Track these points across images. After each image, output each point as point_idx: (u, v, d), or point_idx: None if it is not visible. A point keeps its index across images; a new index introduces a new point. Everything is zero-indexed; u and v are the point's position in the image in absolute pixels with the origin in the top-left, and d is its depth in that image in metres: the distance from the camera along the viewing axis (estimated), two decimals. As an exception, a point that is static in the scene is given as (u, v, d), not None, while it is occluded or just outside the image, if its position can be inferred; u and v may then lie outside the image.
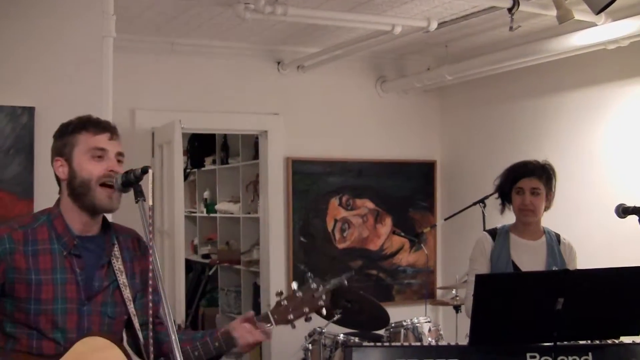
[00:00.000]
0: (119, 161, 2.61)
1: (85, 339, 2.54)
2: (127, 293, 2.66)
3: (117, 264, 2.67)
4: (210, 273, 8.76)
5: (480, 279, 3.24)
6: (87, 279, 2.59)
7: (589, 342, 3.36)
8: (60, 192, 2.66)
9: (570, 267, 3.95)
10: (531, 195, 3.96)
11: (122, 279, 2.66)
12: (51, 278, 2.54)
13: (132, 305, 2.66)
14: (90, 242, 2.63)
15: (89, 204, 2.56)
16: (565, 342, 3.29)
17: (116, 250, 2.68)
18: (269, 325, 2.71)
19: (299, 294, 2.75)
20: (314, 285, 2.76)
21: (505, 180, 4.09)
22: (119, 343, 2.60)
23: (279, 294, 2.77)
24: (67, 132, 2.63)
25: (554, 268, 3.93)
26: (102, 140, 2.59)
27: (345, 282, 2.88)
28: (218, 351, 2.64)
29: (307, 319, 2.77)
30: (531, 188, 3.96)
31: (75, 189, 2.57)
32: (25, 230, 2.57)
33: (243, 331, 2.70)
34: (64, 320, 2.53)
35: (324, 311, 2.77)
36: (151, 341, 2.31)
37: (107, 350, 2.54)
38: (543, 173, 4.00)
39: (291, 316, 2.73)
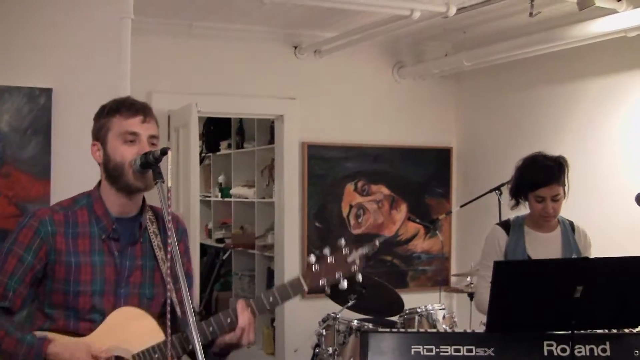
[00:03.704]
0: (152, 144, 2.60)
1: (120, 309, 2.56)
2: (165, 268, 2.63)
3: (156, 240, 2.67)
4: (225, 257, 8.77)
5: (498, 266, 3.21)
6: (124, 260, 2.61)
7: (607, 331, 3.34)
8: (100, 174, 2.66)
9: (586, 255, 3.91)
10: (553, 202, 3.86)
11: (161, 255, 2.65)
12: (90, 260, 2.56)
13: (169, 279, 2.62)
14: (128, 223, 2.64)
15: (124, 185, 2.56)
16: (583, 331, 3.27)
17: (155, 228, 2.68)
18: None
19: (331, 258, 2.62)
20: (346, 250, 2.64)
21: (522, 186, 3.95)
22: (152, 314, 2.60)
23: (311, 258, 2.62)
24: (102, 116, 2.62)
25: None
26: (134, 123, 2.58)
27: (377, 245, 2.72)
28: (230, 326, 2.58)
29: (340, 286, 2.62)
30: (552, 196, 3.85)
31: (110, 172, 2.58)
32: (66, 212, 2.60)
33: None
34: (101, 301, 2.55)
35: (359, 277, 2.63)
36: (168, 323, 2.28)
37: (141, 320, 2.56)
38: (561, 175, 3.87)
39: (323, 281, 2.61)
